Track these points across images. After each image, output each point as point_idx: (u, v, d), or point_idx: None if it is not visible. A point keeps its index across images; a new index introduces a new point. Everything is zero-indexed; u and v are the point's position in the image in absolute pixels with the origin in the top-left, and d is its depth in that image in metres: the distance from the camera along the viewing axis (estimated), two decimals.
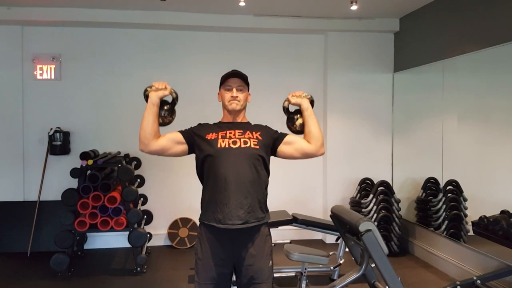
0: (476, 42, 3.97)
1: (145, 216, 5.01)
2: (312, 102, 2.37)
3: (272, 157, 2.32)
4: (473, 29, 4.03)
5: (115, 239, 5.09)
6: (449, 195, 4.43)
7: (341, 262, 3.93)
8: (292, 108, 2.42)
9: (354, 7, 4.34)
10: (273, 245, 2.34)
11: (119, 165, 4.34)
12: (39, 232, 4.93)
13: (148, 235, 4.87)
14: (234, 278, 2.26)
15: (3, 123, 5.04)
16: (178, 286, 3.99)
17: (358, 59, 5.44)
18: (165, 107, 2.34)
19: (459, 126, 4.42)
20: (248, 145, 2.19)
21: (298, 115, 2.37)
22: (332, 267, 3.94)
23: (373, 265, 2.87)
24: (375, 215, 4.79)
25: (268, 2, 4.65)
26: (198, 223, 2.28)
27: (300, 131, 2.36)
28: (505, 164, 3.78)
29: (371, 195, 4.86)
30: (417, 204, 4.88)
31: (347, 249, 3.27)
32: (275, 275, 3.94)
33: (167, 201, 5.30)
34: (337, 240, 4.20)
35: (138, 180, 5.11)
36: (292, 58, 5.47)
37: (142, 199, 5.09)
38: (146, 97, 2.29)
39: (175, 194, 5.29)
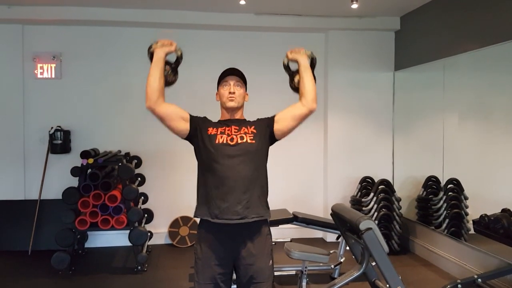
0: (478, 40, 3.96)
1: (146, 215, 5.01)
2: (313, 60, 2.35)
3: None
4: (474, 27, 4.02)
5: (115, 238, 5.09)
6: (450, 193, 4.43)
7: (342, 260, 3.93)
8: (293, 67, 2.41)
9: (354, 6, 4.33)
10: (273, 243, 2.34)
11: (120, 164, 4.34)
12: (40, 231, 4.93)
13: (149, 234, 4.87)
14: (234, 277, 2.26)
15: (4, 122, 5.04)
16: (178, 285, 4.00)
17: (359, 58, 5.43)
18: (168, 66, 2.32)
19: (460, 125, 4.42)
20: (244, 140, 2.19)
21: (297, 72, 2.37)
22: (332, 266, 3.94)
23: (373, 263, 2.87)
24: (376, 213, 4.79)
25: (269, 0, 4.65)
26: (198, 221, 2.27)
27: (298, 88, 2.35)
28: (506, 163, 3.78)
29: (372, 194, 4.86)
30: (418, 202, 4.87)
31: (347, 248, 3.27)
32: (276, 273, 3.94)
33: (167, 199, 5.30)
34: (337, 238, 4.20)
35: (139, 178, 5.11)
36: None
37: (142, 197, 5.09)
38: (151, 54, 2.27)
39: (175, 192, 5.28)
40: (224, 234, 2.15)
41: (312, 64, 2.36)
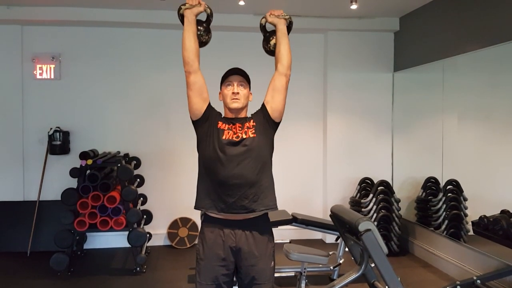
0: (477, 41, 3.96)
1: (145, 216, 5.01)
2: (290, 24, 2.40)
3: (276, 151, 2.32)
4: (473, 28, 4.02)
5: (114, 239, 5.09)
6: (449, 194, 4.43)
7: (341, 262, 3.92)
8: (269, 28, 2.45)
9: (354, 6, 4.33)
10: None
11: (119, 165, 4.33)
12: (39, 232, 4.92)
13: (148, 235, 4.86)
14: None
15: (3, 123, 5.04)
16: (177, 286, 3.99)
17: (358, 59, 5.43)
18: (200, 26, 2.32)
19: (459, 126, 4.41)
20: (247, 135, 2.19)
21: (273, 36, 2.41)
22: (331, 267, 3.94)
23: (372, 264, 2.87)
24: (375, 214, 4.79)
25: (268, 1, 4.64)
26: (198, 222, 2.27)
27: (274, 51, 2.42)
28: (505, 164, 3.78)
29: (371, 195, 4.86)
30: (417, 203, 4.87)
31: (346, 249, 3.27)
32: (275, 275, 3.93)
33: (166, 200, 5.29)
34: (336, 239, 4.20)
35: (138, 179, 5.10)
36: (292, 57, 5.45)
37: (141, 198, 5.09)
38: (181, 16, 2.28)
39: (174, 193, 5.27)
40: (228, 232, 2.14)
41: (289, 28, 2.41)
